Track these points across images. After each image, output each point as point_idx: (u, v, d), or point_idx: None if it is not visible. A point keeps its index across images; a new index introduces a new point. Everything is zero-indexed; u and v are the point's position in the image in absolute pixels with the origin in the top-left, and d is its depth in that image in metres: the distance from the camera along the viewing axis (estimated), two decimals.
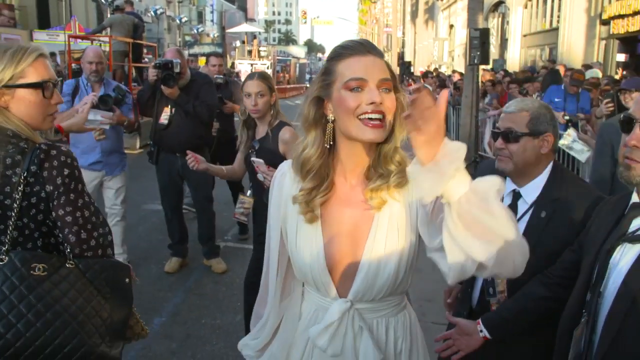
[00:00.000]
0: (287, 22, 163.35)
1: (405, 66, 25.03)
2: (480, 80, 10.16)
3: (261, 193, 3.20)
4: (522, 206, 2.08)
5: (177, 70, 4.76)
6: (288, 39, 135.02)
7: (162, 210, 5.41)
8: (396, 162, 1.46)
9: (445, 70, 27.32)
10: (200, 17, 59.12)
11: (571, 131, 5.22)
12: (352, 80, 1.39)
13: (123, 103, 4.65)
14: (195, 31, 47.51)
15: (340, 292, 1.51)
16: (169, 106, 4.91)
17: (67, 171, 1.71)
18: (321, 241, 1.49)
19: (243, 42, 27.63)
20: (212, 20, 61.32)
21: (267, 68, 23.33)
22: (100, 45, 12.61)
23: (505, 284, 2.05)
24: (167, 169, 5.04)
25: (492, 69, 16.11)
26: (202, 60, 31.73)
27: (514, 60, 23.43)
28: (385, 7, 52.20)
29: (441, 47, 32.27)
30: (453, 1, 30.37)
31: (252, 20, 74.27)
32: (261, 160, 3.16)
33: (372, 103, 1.37)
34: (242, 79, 4.25)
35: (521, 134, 2.04)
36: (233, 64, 26.08)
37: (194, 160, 3.40)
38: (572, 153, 5.05)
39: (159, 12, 34.80)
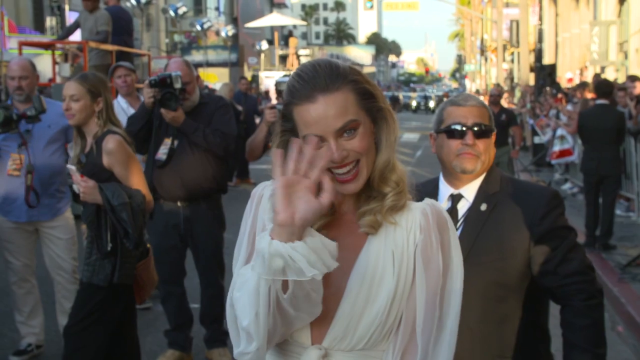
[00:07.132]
0: (339, 5, 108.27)
1: (545, 72, 16.15)
2: None
3: None
4: None
5: (177, 85, 4.12)
6: (341, 34, 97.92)
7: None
8: (393, 182, 1.44)
9: (614, 74, 17.65)
10: (199, 5, 44.87)
11: None
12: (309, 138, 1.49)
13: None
14: (200, 27, 35.10)
15: (314, 337, 1.45)
16: (171, 137, 4.28)
17: None
18: None
19: (271, 43, 18.08)
20: (217, 8, 47.38)
21: None
22: (67, 56, 10.44)
23: None
24: (164, 223, 4.42)
25: None
26: (210, 75, 22.18)
27: None
28: None
29: (605, 37, 22.26)
30: None
31: (281, 5, 58.13)
32: (73, 167, 3.41)
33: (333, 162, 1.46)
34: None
35: None
36: (255, 77, 16.59)
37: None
38: None
39: (142, 0, 25.08)
